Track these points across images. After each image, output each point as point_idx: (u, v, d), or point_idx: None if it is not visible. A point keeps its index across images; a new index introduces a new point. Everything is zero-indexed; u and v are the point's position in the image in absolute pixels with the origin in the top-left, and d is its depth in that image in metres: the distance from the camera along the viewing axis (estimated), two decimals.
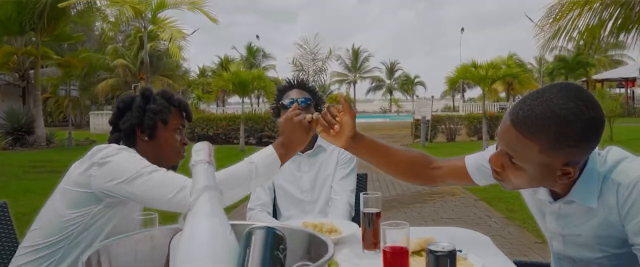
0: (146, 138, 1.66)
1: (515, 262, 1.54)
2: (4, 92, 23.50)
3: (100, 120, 22.24)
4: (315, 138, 2.37)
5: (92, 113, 23.18)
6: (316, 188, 2.36)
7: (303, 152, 2.36)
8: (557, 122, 1.10)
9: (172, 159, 1.71)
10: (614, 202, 1.18)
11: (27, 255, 1.51)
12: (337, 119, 1.49)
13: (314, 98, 2.37)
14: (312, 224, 1.76)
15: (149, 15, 7.52)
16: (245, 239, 0.74)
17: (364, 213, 1.59)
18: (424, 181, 1.64)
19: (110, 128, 1.71)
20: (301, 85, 2.40)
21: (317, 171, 2.37)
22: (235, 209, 6.16)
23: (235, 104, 14.74)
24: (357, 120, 1.56)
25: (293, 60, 16.72)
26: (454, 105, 49.14)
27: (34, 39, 15.60)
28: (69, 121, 18.63)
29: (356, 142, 1.53)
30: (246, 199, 2.12)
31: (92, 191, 1.47)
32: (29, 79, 16.78)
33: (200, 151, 0.81)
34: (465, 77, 14.06)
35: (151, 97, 1.68)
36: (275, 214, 2.40)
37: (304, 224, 1.79)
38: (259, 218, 2.23)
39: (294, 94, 2.33)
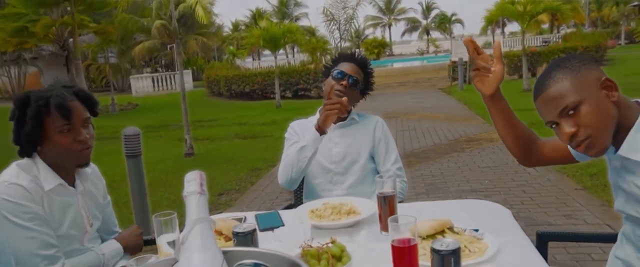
0: (38, 145, 1.60)
1: (576, 234, 1.59)
2: (49, 63, 24.30)
3: (142, 84, 22.73)
4: (349, 110, 2.34)
5: (133, 77, 23.66)
6: (345, 161, 2.30)
7: (335, 122, 2.29)
8: (569, 58, 1.34)
9: (71, 161, 1.64)
10: None
11: None
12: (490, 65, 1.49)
13: (365, 73, 2.33)
14: (332, 206, 1.79)
15: None
16: None
17: (379, 195, 1.60)
18: (530, 156, 1.64)
19: (152, 91, 1.78)
20: (357, 60, 2.34)
21: (349, 144, 2.32)
22: (274, 167, 6.29)
23: (271, 56, 14.66)
24: (395, 65, 1.56)
25: (323, 10, 16.39)
26: (494, 41, 47.46)
27: (69, 9, 15.89)
28: (111, 87, 19.14)
29: (496, 97, 1.51)
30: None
31: None
32: (69, 48, 17.22)
33: (192, 182, 0.83)
34: (503, 14, 13.46)
35: (27, 102, 1.58)
36: (303, 179, 2.41)
37: (324, 205, 1.82)
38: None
39: (346, 67, 2.28)
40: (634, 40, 32.36)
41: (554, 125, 1.34)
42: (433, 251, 1.10)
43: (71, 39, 16.71)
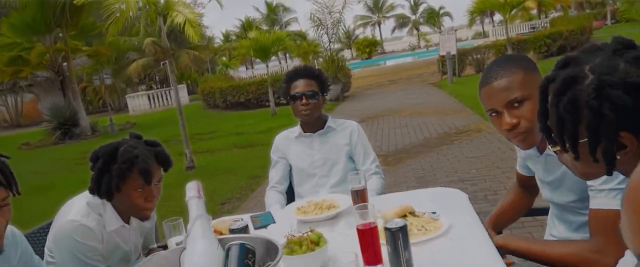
0: (114, 192, 1.74)
1: None
2: (45, 89, 24.54)
3: (138, 102, 23.03)
4: (325, 119, 2.64)
5: (129, 96, 23.97)
6: (327, 164, 2.61)
7: (314, 132, 2.62)
8: (521, 57, 1.54)
9: (136, 214, 1.82)
10: None
11: None
12: None
13: (320, 83, 2.59)
14: (315, 203, 2.08)
15: (162, 1, 7.75)
16: (226, 252, 1.05)
17: (352, 190, 1.89)
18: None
19: (149, 108, 1.97)
20: (304, 73, 2.59)
21: (329, 149, 2.62)
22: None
23: (264, 64, 14.89)
24: (387, 62, 1.82)
25: (310, 16, 16.71)
26: (484, 31, 47.80)
27: (61, 35, 16.18)
28: (108, 107, 19.42)
29: None
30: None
31: None
32: (64, 72, 17.50)
33: (191, 189, 1.12)
34: (485, 7, 13.78)
35: (115, 156, 1.72)
36: (291, 188, 2.73)
37: (308, 203, 2.11)
38: (271, 198, 2.56)
39: (299, 85, 2.54)
40: (625, 20, 32.64)
41: (493, 114, 1.50)
42: (385, 229, 1.38)
43: (65, 64, 17.03)
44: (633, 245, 0.62)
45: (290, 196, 2.75)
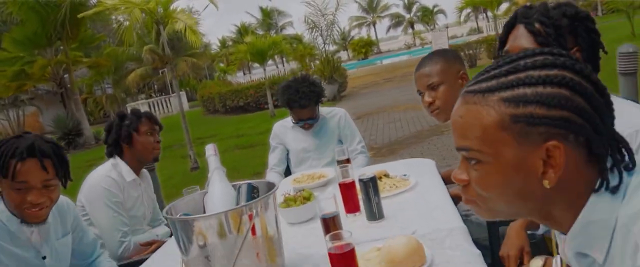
0: (126, 145, 2.39)
1: None
2: (46, 101, 24.92)
3: None
4: (317, 113, 3.00)
5: (129, 105, 24.38)
6: (320, 148, 3.01)
7: (309, 128, 2.95)
8: (450, 51, 1.96)
9: (148, 156, 2.43)
10: None
11: None
12: None
13: (315, 96, 2.85)
14: (307, 175, 2.48)
15: (161, 11, 8.14)
16: (237, 190, 1.43)
17: (337, 161, 2.28)
18: None
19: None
20: (301, 102, 2.79)
21: (321, 135, 3.01)
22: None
23: (261, 69, 15.28)
24: (384, 61, 2.20)
25: (305, 19, 17.13)
26: (478, 27, 48.24)
27: (61, 47, 16.58)
28: (110, 117, 19.79)
29: None
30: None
31: None
32: (66, 84, 17.90)
33: (209, 149, 1.50)
34: (474, 3, 14.18)
35: (125, 116, 2.42)
36: (288, 170, 3.12)
37: (302, 175, 2.51)
38: (270, 178, 2.95)
39: (298, 114, 2.84)
40: (611, 10, 33.08)
41: (419, 94, 1.95)
42: (359, 180, 1.77)
43: (66, 76, 17.44)
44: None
45: (287, 177, 3.13)
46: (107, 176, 2.33)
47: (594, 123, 0.77)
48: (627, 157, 0.80)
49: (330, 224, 1.56)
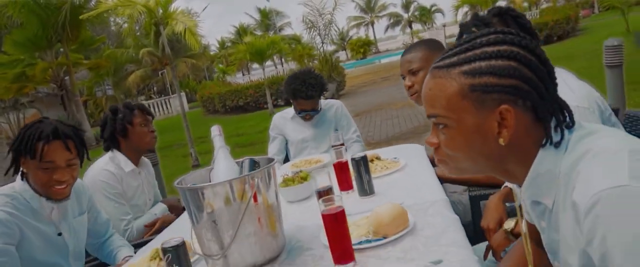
0: (122, 138, 2.51)
1: None
2: (46, 104, 25.03)
3: None
4: (319, 106, 3.12)
5: None
6: (318, 138, 3.17)
7: (310, 119, 3.09)
8: (434, 41, 2.06)
9: (144, 145, 2.55)
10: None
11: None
12: None
13: (320, 88, 3.00)
14: (305, 160, 2.64)
15: (161, 12, 8.30)
16: (240, 165, 1.59)
17: (333, 146, 2.43)
18: None
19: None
20: (306, 94, 2.93)
21: (319, 125, 3.17)
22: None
23: (260, 69, 15.39)
24: (382, 61, 2.38)
25: (303, 19, 17.30)
26: None
27: (62, 49, 16.72)
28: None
29: None
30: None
31: None
32: (66, 86, 18.05)
33: (215, 130, 1.65)
34: (470, 1, 14.34)
35: (118, 110, 2.52)
36: (287, 159, 3.27)
37: (300, 160, 2.67)
38: None
39: (302, 105, 2.98)
40: (606, 8, 33.23)
41: (403, 78, 2.12)
42: (351, 159, 1.93)
43: (67, 78, 17.59)
44: None
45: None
46: (104, 169, 2.44)
47: (539, 89, 0.93)
48: (567, 118, 0.96)
49: (324, 195, 1.72)
